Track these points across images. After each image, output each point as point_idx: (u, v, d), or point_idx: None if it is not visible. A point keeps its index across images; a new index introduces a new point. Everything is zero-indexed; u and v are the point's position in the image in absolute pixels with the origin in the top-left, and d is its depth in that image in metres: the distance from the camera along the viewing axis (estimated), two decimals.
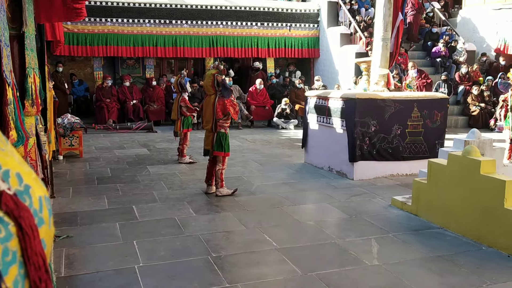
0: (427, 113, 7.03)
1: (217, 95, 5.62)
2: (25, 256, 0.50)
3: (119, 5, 13.21)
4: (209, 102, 5.67)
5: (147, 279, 3.44)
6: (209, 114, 5.65)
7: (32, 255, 0.51)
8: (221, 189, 5.75)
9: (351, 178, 6.73)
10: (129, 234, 4.37)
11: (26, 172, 0.56)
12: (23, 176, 0.55)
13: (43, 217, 0.55)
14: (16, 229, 0.50)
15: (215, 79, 5.58)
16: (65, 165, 7.48)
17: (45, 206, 0.57)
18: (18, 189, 0.53)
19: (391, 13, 7.31)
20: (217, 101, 5.57)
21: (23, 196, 0.53)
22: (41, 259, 0.52)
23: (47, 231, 0.56)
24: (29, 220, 0.51)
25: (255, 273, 3.59)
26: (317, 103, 7.57)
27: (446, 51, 14.40)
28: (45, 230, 0.55)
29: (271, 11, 14.63)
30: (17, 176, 0.54)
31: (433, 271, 3.67)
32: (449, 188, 4.65)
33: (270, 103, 13.33)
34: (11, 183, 0.53)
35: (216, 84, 5.58)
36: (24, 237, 0.50)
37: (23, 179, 0.54)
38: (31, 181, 0.56)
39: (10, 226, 0.49)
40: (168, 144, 9.66)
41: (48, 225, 0.57)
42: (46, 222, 0.56)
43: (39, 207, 0.55)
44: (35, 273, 0.51)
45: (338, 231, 4.63)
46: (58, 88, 11.21)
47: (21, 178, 0.54)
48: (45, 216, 0.56)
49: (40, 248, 0.52)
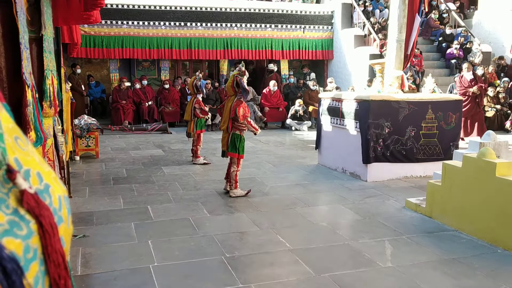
0: (441, 114, 6.98)
1: (236, 96, 5.69)
2: (45, 254, 0.52)
3: (135, 8, 13.36)
4: (228, 104, 5.77)
5: (162, 278, 3.48)
6: (226, 114, 5.73)
7: (52, 252, 0.52)
8: (235, 190, 5.80)
9: (365, 180, 6.71)
10: (144, 234, 4.42)
11: (46, 172, 0.58)
12: (43, 175, 0.57)
13: (62, 216, 0.57)
14: (37, 227, 0.52)
15: (235, 80, 5.65)
16: (82, 166, 7.59)
17: (64, 205, 0.59)
18: (38, 188, 0.55)
19: (405, 15, 7.27)
20: (235, 102, 5.64)
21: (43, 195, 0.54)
22: (60, 256, 0.54)
23: (66, 230, 0.58)
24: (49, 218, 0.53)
25: (268, 274, 3.61)
26: (331, 105, 7.56)
27: (459, 52, 14.26)
28: (64, 228, 0.57)
29: (285, 13, 14.66)
30: (38, 175, 0.56)
31: (448, 273, 3.64)
32: (464, 190, 4.61)
33: (284, 104, 13.35)
34: (32, 182, 0.55)
35: (235, 85, 5.65)
36: (44, 235, 0.52)
37: (43, 178, 0.56)
38: (51, 180, 0.58)
39: (31, 224, 0.51)
40: (183, 145, 9.74)
41: (67, 224, 0.59)
42: (65, 220, 0.58)
43: (59, 205, 0.57)
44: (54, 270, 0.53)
45: (351, 232, 4.63)
46: (75, 89, 11.37)
47: (41, 177, 0.56)
48: (64, 214, 0.58)
49: (60, 246, 0.54)
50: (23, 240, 0.48)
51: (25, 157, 0.55)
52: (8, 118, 0.56)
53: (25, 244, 0.48)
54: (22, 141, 0.56)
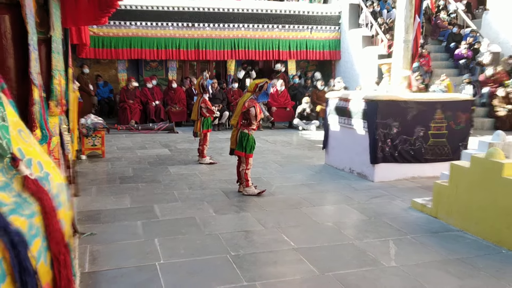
0: (451, 114, 6.96)
1: (252, 95, 5.79)
2: (47, 232, 0.57)
3: (143, 9, 13.45)
4: (243, 99, 5.86)
5: (168, 276, 3.52)
6: (238, 109, 5.83)
7: (52, 231, 0.57)
8: (247, 188, 5.86)
9: (372, 180, 6.71)
10: (150, 232, 4.46)
11: (46, 161, 0.63)
12: (43, 164, 0.62)
13: (61, 201, 0.62)
14: (39, 209, 0.57)
15: (264, 84, 5.79)
16: (88, 165, 7.66)
17: (63, 192, 0.63)
18: (39, 175, 0.60)
19: (412, 15, 7.27)
20: (249, 100, 5.72)
21: (43, 182, 0.59)
22: (60, 235, 0.58)
23: (65, 214, 0.63)
24: (49, 201, 0.58)
25: (272, 272, 3.63)
26: (338, 105, 7.57)
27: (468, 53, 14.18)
28: (64, 212, 0.62)
29: (292, 13, 14.67)
30: (39, 164, 0.62)
31: (452, 273, 3.65)
32: (470, 191, 4.60)
33: (291, 104, 13.36)
34: (33, 170, 0.60)
35: (259, 88, 5.77)
36: (45, 216, 0.57)
37: (44, 167, 0.61)
38: (50, 169, 0.63)
39: (34, 206, 0.56)
40: (189, 144, 9.78)
41: (66, 208, 0.63)
42: (64, 205, 0.63)
43: (57, 192, 0.62)
44: (55, 247, 0.58)
45: (356, 232, 4.64)
46: (84, 90, 11.47)
47: (41, 166, 0.61)
48: (63, 199, 0.63)
49: (60, 226, 0.59)
50: (27, 218, 0.53)
51: (28, 147, 0.60)
52: (13, 113, 0.60)
53: (29, 222, 0.53)
54: (25, 133, 0.61)
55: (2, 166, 0.54)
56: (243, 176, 5.87)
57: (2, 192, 0.52)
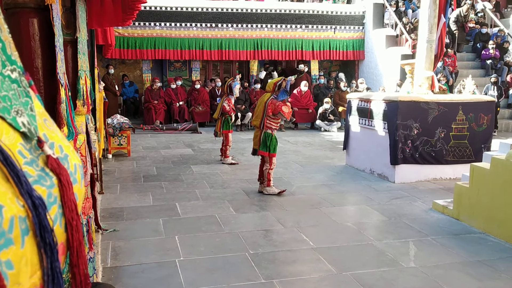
0: (473, 116, 6.87)
1: (272, 95, 5.82)
2: (63, 201, 0.71)
3: (167, 9, 13.63)
4: (263, 100, 5.88)
5: (187, 272, 3.60)
6: (260, 110, 5.85)
7: (67, 200, 0.72)
8: (267, 187, 5.91)
9: (393, 181, 6.68)
10: (171, 229, 4.55)
11: (66, 145, 0.78)
12: (64, 147, 0.78)
13: (76, 178, 0.77)
14: (57, 182, 0.70)
15: (282, 82, 5.81)
16: (114, 163, 7.83)
17: (78, 171, 0.78)
18: (59, 156, 0.74)
19: (436, 15, 7.19)
20: (270, 100, 5.76)
21: (63, 161, 0.74)
22: (73, 204, 0.73)
23: (79, 189, 0.79)
24: (66, 177, 0.73)
25: (290, 271, 3.67)
26: (359, 105, 7.55)
27: (496, 52, 13.90)
28: (77, 187, 0.78)
29: (316, 13, 14.64)
30: (60, 147, 0.77)
31: (472, 275, 3.62)
32: (492, 193, 4.55)
33: (314, 105, 13.34)
34: (55, 151, 0.74)
35: (278, 86, 5.80)
36: (62, 188, 0.70)
37: (64, 150, 0.77)
38: (69, 152, 0.78)
39: (53, 179, 0.70)
40: (212, 145, 9.89)
41: (80, 184, 0.79)
42: (78, 182, 0.78)
43: (74, 170, 0.77)
44: (69, 214, 0.72)
45: (376, 233, 4.63)
46: (109, 90, 11.69)
47: (62, 149, 0.76)
48: (78, 177, 0.78)
49: (73, 197, 0.74)
50: (47, 188, 0.68)
51: (51, 133, 0.75)
52: (39, 105, 0.76)
53: (48, 191, 0.68)
54: (49, 122, 0.76)
55: (30, 146, 0.70)
56: (266, 176, 5.92)
57: (29, 166, 0.68)
